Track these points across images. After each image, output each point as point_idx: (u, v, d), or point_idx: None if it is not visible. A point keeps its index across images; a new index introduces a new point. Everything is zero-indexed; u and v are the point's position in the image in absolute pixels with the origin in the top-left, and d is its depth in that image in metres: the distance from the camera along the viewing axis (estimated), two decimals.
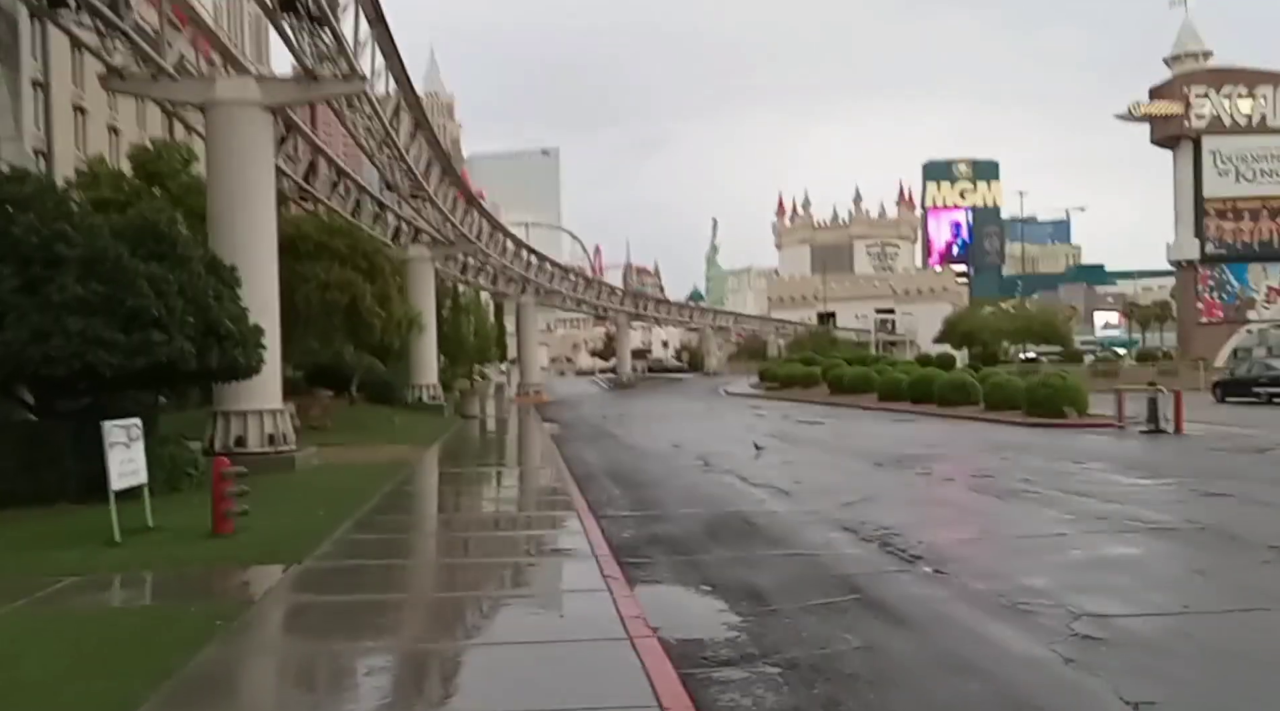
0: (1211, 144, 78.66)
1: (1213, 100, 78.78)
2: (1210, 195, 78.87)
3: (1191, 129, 78.31)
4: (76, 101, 52.38)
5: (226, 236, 21.90)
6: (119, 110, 55.87)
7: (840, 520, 14.08)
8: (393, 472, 20.77)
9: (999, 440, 27.70)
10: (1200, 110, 78.57)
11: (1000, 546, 12.09)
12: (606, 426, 38.69)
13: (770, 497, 16.87)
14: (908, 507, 15.49)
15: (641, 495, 17.71)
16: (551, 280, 76.00)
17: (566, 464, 23.13)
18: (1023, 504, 15.54)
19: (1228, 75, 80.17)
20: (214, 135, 22.23)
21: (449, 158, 40.88)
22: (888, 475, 19.98)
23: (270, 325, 22.19)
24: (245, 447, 21.72)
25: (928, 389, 43.18)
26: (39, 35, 45.84)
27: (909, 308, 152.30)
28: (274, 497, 16.99)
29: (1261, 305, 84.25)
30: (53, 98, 49.52)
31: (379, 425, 34.65)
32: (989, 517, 14.49)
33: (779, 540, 12.62)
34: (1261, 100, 79.97)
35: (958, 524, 13.78)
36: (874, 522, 13.68)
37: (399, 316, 36.41)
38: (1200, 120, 78.66)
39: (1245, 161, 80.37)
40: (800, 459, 23.86)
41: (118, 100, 54.85)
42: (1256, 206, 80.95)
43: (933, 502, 16.16)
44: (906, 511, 15.03)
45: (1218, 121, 78.26)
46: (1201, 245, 78.57)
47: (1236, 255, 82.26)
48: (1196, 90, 78.17)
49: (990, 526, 13.74)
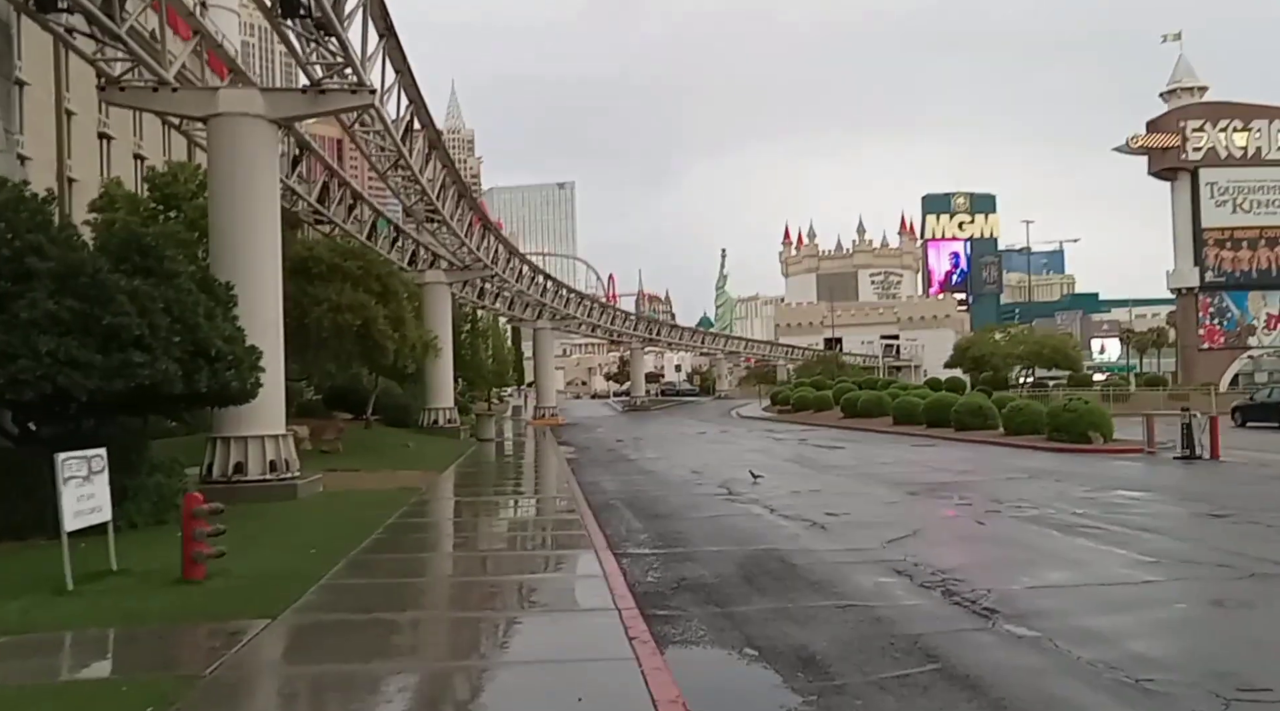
0: (1209, 176, 79.01)
1: (1209, 133, 79.34)
2: (1209, 225, 79.08)
3: (1188, 161, 78.73)
4: (102, 129, 51.62)
5: (228, 254, 20.82)
6: (144, 136, 55.05)
7: (889, 561, 12.72)
8: (399, 501, 19.52)
9: (1029, 467, 26.30)
10: (1197, 143, 79.11)
11: (1084, 598, 10.44)
12: (622, 450, 37.41)
13: (805, 532, 15.52)
14: (961, 545, 14.10)
15: (663, 528, 16.38)
16: (567, 305, 75.00)
17: (582, 491, 21.90)
18: (1087, 541, 14.13)
19: (1223, 109, 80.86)
20: (216, 149, 21.12)
21: (464, 182, 39.84)
22: (925, 505, 18.58)
23: (273, 347, 21.06)
24: (245, 475, 20.52)
25: (944, 413, 42.26)
26: (64, 60, 45.30)
27: (913, 334, 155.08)
28: (265, 531, 15.77)
29: (1262, 332, 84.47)
30: (75, 124, 48.80)
31: (392, 449, 33.49)
32: (1055, 559, 13.05)
33: (825, 585, 11.25)
34: (1256, 134, 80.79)
35: (1023, 567, 12.33)
36: (928, 563, 12.32)
37: (413, 339, 35.24)
38: (1197, 153, 79.06)
39: (1242, 192, 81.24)
40: (827, 487, 22.47)
41: (143, 126, 54.04)
42: (1255, 235, 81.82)
43: (986, 539, 14.74)
44: (961, 550, 13.67)
45: (1214, 153, 78.54)
46: (1201, 273, 78.38)
47: (1236, 283, 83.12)
48: (1193, 124, 78.54)
49: (1061, 570, 12.30)
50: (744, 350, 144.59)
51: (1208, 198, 78.07)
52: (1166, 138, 77.47)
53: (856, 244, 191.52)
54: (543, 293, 66.50)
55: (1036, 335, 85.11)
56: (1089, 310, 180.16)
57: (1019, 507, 17.88)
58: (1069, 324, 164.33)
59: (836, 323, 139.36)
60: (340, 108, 21.80)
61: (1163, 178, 79.83)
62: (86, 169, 48.56)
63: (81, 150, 48.88)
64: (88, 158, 48.77)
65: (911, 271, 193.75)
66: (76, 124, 48.63)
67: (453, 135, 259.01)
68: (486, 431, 42.35)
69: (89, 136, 49.97)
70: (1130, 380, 77.19)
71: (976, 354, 74.76)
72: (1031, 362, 76.47)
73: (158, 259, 15.57)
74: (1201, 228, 77.90)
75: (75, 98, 47.76)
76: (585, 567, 12.44)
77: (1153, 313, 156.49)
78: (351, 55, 20.50)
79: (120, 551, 12.50)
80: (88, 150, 49.46)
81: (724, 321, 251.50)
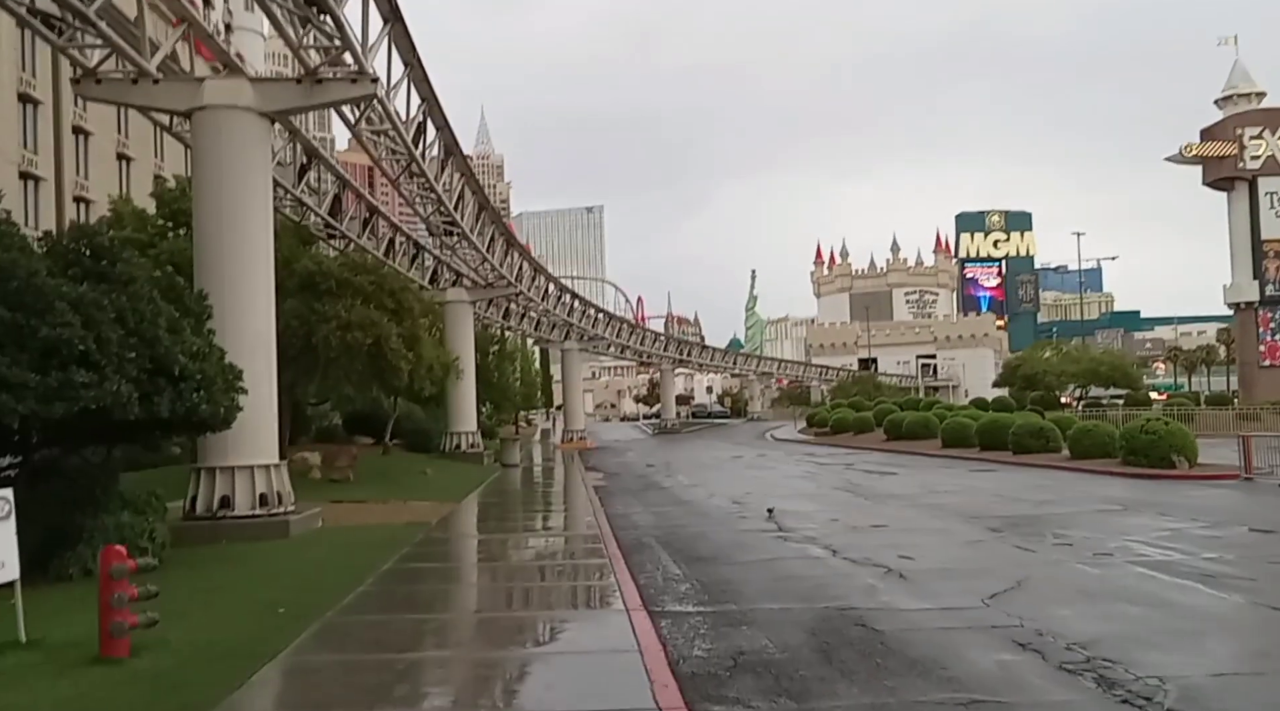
0: (1268, 185, 75.19)
1: (1268, 140, 75.42)
2: (1269, 236, 75.18)
3: (1246, 170, 74.95)
4: (121, 150, 49.93)
5: (214, 261, 18.59)
6: (164, 157, 53.22)
7: (1002, 626, 10.09)
8: (402, 540, 17.11)
9: (1115, 496, 23.51)
10: (1255, 151, 75.27)
11: None
12: (654, 476, 34.84)
13: (881, 582, 12.90)
14: (1087, 605, 11.37)
15: (707, 575, 13.80)
16: (595, 326, 72.56)
17: (611, 526, 19.40)
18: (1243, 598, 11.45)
19: None
20: (201, 146, 18.92)
21: (485, 193, 37.60)
22: (1017, 546, 15.85)
23: (263, 365, 18.80)
24: (231, 510, 18.18)
25: (1000, 434, 39.30)
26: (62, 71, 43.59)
27: (950, 353, 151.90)
28: (235, 581, 13.34)
29: None
30: (93, 144, 47.15)
31: (409, 477, 31.23)
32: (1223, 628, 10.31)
33: (929, 666, 8.61)
34: None
35: (1188, 639, 9.55)
36: (1055, 632, 9.69)
37: (430, 360, 32.86)
38: (1255, 161, 75.31)
39: None
40: (891, 521, 19.77)
41: (163, 146, 52.21)
42: None
43: (1115, 595, 11.95)
44: (1091, 611, 10.95)
45: (1274, 161, 74.78)
46: (1261, 287, 74.56)
47: None
48: (1250, 131, 74.88)
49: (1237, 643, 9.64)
50: (777, 371, 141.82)
51: (1267, 208, 74.41)
52: (1222, 146, 73.98)
53: (891, 262, 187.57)
54: (570, 312, 64.16)
55: (1091, 352, 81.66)
56: (1130, 328, 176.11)
57: (1134, 549, 15.15)
58: (1110, 342, 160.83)
59: (871, 343, 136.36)
60: (339, 99, 19.51)
61: (1218, 188, 76.27)
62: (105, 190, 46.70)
63: (99, 171, 47.13)
64: (105, 178, 46.96)
65: (948, 290, 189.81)
66: (93, 144, 46.94)
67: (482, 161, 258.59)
68: (511, 456, 39.96)
69: (106, 157, 48.24)
70: (1196, 399, 73.64)
71: (1028, 372, 71.53)
72: (1087, 381, 73.11)
73: (111, 262, 13.25)
74: (1261, 239, 74.16)
75: (92, 117, 46.06)
76: (614, 636, 9.90)
77: (1198, 330, 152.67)
78: (350, 38, 18.23)
79: (50, 613, 10.30)
80: (105, 171, 47.70)
81: (754, 343, 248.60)
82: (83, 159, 46.47)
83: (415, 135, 25.15)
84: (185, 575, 13.55)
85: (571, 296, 65.35)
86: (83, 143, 46.51)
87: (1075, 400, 74.32)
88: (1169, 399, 74.45)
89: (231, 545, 16.95)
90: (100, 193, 45.62)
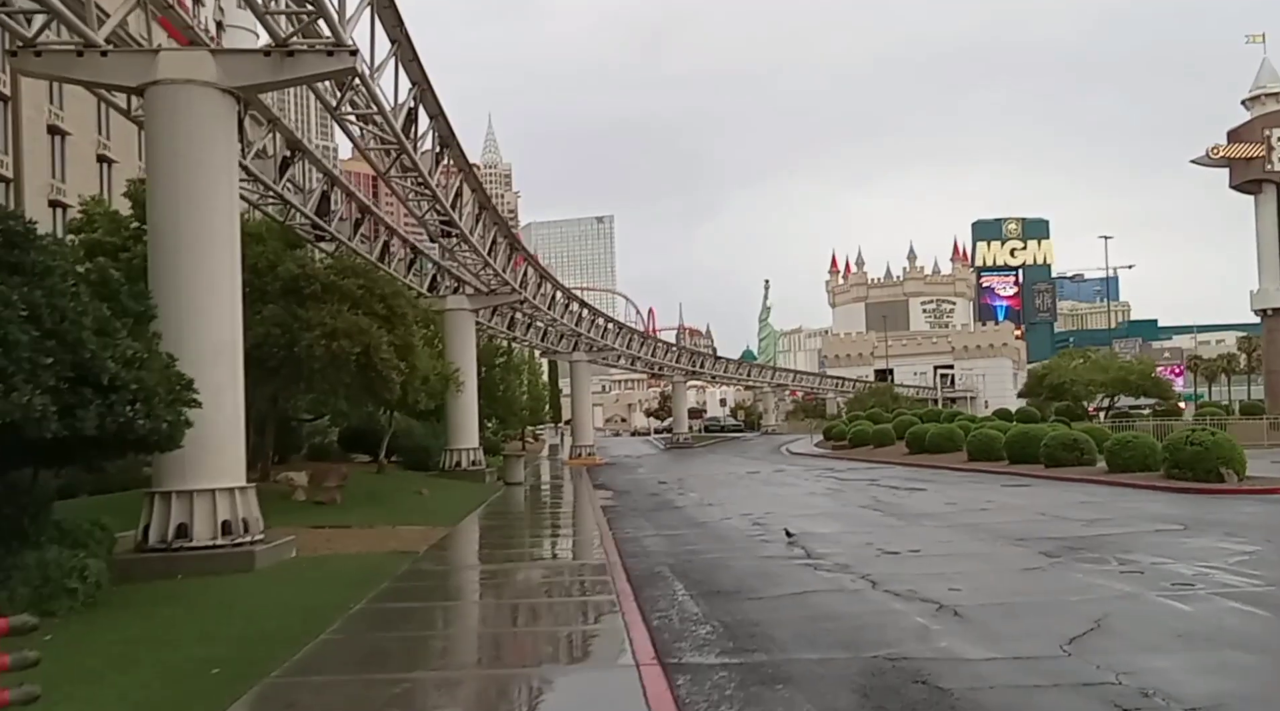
0: None
1: None
2: None
3: (1275, 172, 72.05)
4: (101, 152, 48.04)
5: (170, 258, 16.58)
6: None
7: (1099, 685, 8.05)
8: (382, 573, 15.10)
9: (1168, 513, 21.32)
10: None
11: None
12: (666, 494, 32.80)
13: (935, 623, 10.85)
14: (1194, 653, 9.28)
15: (731, 614, 11.78)
16: (604, 336, 70.33)
17: (620, 552, 17.41)
18: None
19: None
20: (155, 127, 16.93)
21: (486, 192, 35.60)
22: (1080, 575, 13.71)
23: (227, 375, 16.81)
24: (190, 540, 16.07)
25: (1031, 447, 37.14)
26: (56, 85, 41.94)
27: (969, 364, 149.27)
28: (168, 631, 11.30)
29: None
30: (70, 145, 45.23)
31: (402, 498, 29.20)
32: None
33: None
34: None
35: None
36: (1168, 692, 7.70)
37: (425, 371, 30.86)
38: None
39: None
40: (929, 545, 17.67)
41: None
42: None
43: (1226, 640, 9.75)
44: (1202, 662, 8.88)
45: None
46: None
47: None
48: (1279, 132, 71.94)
49: None
50: (792, 383, 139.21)
51: None
52: (1250, 147, 71.38)
53: (907, 271, 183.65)
54: (578, 322, 62.00)
55: (1120, 360, 79.05)
56: (1148, 337, 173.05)
57: (1216, 578, 13.07)
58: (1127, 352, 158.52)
59: (888, 353, 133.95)
60: (313, 74, 17.48)
61: (1246, 191, 73.51)
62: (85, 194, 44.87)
63: (78, 173, 45.17)
64: (84, 182, 44.99)
65: (965, 299, 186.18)
66: (71, 145, 44.98)
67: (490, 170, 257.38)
68: (515, 474, 37.91)
69: (85, 159, 46.30)
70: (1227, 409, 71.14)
71: (1055, 381, 68.95)
72: (1116, 390, 70.54)
73: (25, 250, 11.30)
74: None
75: (70, 116, 44.22)
76: (621, 702, 7.90)
77: (1216, 339, 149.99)
78: (325, 4, 16.26)
79: None
80: (85, 173, 45.73)
81: (767, 354, 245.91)
82: (59, 160, 44.43)
83: (405, 123, 23.16)
84: (117, 622, 11.62)
85: (580, 305, 63.16)
86: (59, 143, 44.45)
87: (1100, 410, 71.73)
88: (1199, 409, 72.01)
89: (187, 581, 14.95)
90: (78, 197, 43.86)
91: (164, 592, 13.92)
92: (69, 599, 12.10)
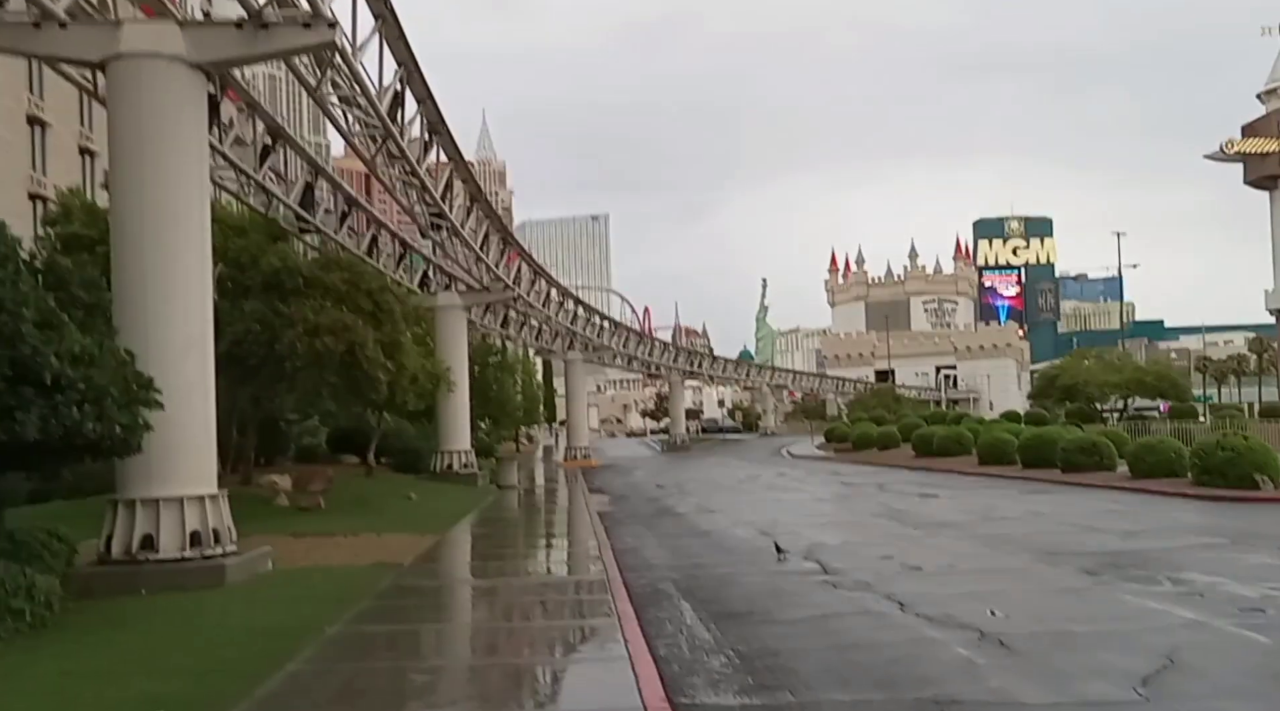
0: None
1: None
2: None
3: None
4: (84, 143, 46.77)
5: (134, 248, 15.26)
6: None
7: None
8: (363, 589, 13.84)
9: (1207, 524, 20.11)
10: None
11: None
12: (666, 500, 31.49)
13: (979, 653, 9.58)
14: None
15: (746, 641, 10.52)
16: (600, 335, 68.99)
17: (620, 566, 16.15)
18: None
19: None
20: (118, 104, 15.58)
21: (477, 181, 34.30)
22: (1133, 597, 12.38)
23: (196, 374, 15.52)
24: (156, 552, 14.73)
25: (1046, 451, 35.81)
26: (38, 70, 40.71)
27: (972, 365, 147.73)
28: (115, 659, 10.02)
29: None
30: (51, 136, 43.96)
31: (391, 502, 27.92)
32: None
33: None
34: None
35: None
36: None
37: (413, 370, 29.56)
38: None
39: None
40: (957, 559, 16.35)
41: None
42: None
43: None
44: None
45: None
46: None
47: None
48: None
49: None
50: (791, 383, 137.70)
51: None
52: (1266, 142, 69.98)
53: (908, 270, 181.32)
54: (573, 320, 60.69)
55: (1135, 361, 77.63)
56: (1154, 338, 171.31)
57: None
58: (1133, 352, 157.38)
59: (889, 353, 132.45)
60: (289, 48, 16.17)
61: (1261, 187, 71.92)
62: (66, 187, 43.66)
63: (59, 166, 43.92)
64: (66, 174, 43.73)
65: (967, 298, 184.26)
66: (52, 137, 43.75)
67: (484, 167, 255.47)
68: (508, 477, 36.63)
69: (67, 151, 45.04)
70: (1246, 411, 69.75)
71: (1067, 382, 67.55)
72: (1131, 392, 69.14)
73: None
74: None
75: (50, 107, 42.97)
76: None
77: (1224, 340, 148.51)
78: None
79: None
80: (66, 166, 44.48)
81: (764, 355, 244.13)
82: (39, 152, 43.25)
83: (392, 107, 21.86)
84: (63, 648, 10.36)
85: (575, 302, 61.82)
86: (39, 134, 43.30)
87: (1112, 412, 70.12)
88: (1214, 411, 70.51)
89: (151, 598, 13.65)
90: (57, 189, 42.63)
91: (121, 612, 12.63)
92: (14, 621, 10.87)
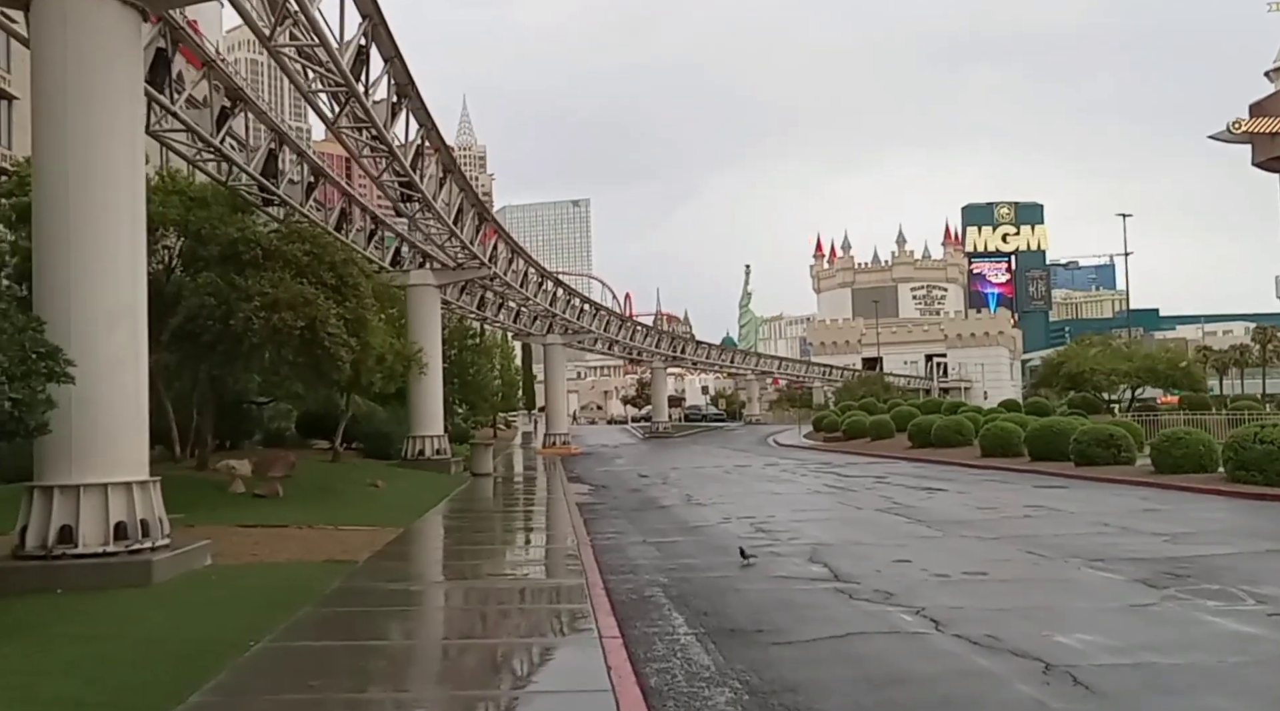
0: None
1: None
2: None
3: None
4: None
5: (55, 205, 13.43)
6: None
7: None
8: (308, 592, 12.03)
9: (1262, 527, 18.10)
10: None
11: None
12: (650, 491, 29.72)
13: (1054, 696, 7.76)
14: None
15: (755, 670, 8.72)
16: (580, 318, 66.95)
17: (600, 567, 14.41)
18: None
19: None
20: (41, 44, 13.70)
21: (452, 152, 32.36)
22: (1213, 616, 10.46)
23: (126, 346, 13.71)
24: (76, 546, 12.87)
25: (1057, 442, 33.94)
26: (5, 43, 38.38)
27: (963, 353, 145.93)
28: None
29: None
30: (18, 109, 41.58)
31: (355, 490, 26.18)
32: None
33: None
34: None
35: None
36: None
37: (380, 349, 27.63)
38: None
39: None
40: (987, 565, 14.36)
41: None
42: None
43: None
44: None
45: None
46: None
47: None
48: None
49: None
50: (777, 370, 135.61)
51: None
52: (1275, 122, 68.29)
53: (896, 256, 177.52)
54: (552, 301, 58.65)
55: (1145, 348, 75.67)
56: (1149, 327, 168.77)
57: None
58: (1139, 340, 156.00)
59: (878, 341, 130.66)
60: None
61: (1269, 168, 69.91)
62: None
63: (26, 140, 41.50)
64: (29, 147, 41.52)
65: (957, 285, 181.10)
66: (18, 110, 41.30)
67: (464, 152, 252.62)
68: (483, 464, 34.79)
69: None
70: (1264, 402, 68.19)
71: (1072, 370, 65.64)
72: (1141, 381, 67.16)
73: None
74: None
75: (17, 80, 40.54)
76: None
77: (1223, 330, 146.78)
78: None
79: None
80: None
81: (748, 341, 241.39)
82: (5, 126, 40.99)
83: (356, 64, 19.92)
84: None
85: (554, 284, 59.78)
86: (6, 109, 41.03)
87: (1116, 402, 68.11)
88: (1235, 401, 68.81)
89: (64, 598, 11.82)
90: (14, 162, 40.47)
91: (22, 617, 10.77)
92: None
